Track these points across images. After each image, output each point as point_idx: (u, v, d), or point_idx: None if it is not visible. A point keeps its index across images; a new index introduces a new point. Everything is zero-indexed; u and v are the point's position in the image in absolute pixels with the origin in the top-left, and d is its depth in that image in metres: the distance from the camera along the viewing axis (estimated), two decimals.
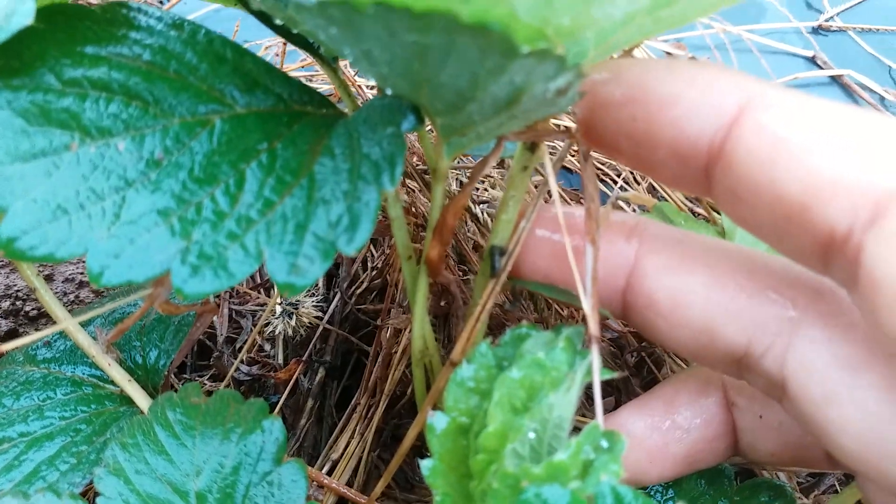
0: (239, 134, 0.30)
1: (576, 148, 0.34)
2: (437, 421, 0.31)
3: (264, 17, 0.32)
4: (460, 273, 0.49)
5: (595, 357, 0.30)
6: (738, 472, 0.47)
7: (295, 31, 0.33)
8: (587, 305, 0.31)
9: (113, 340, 0.34)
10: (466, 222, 0.49)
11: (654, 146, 0.28)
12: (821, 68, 0.74)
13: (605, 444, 0.28)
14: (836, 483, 0.47)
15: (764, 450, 0.36)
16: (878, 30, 0.77)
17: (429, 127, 0.34)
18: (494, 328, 0.43)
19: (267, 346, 0.57)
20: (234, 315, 0.61)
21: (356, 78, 0.62)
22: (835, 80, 0.74)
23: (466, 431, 0.32)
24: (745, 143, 0.26)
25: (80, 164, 0.28)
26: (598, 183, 0.58)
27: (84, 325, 0.40)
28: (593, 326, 0.31)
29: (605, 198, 0.58)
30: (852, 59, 0.75)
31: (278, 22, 0.32)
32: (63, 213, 0.27)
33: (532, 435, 0.29)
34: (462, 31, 0.20)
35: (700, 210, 0.53)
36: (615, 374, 0.31)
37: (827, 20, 0.78)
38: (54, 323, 0.42)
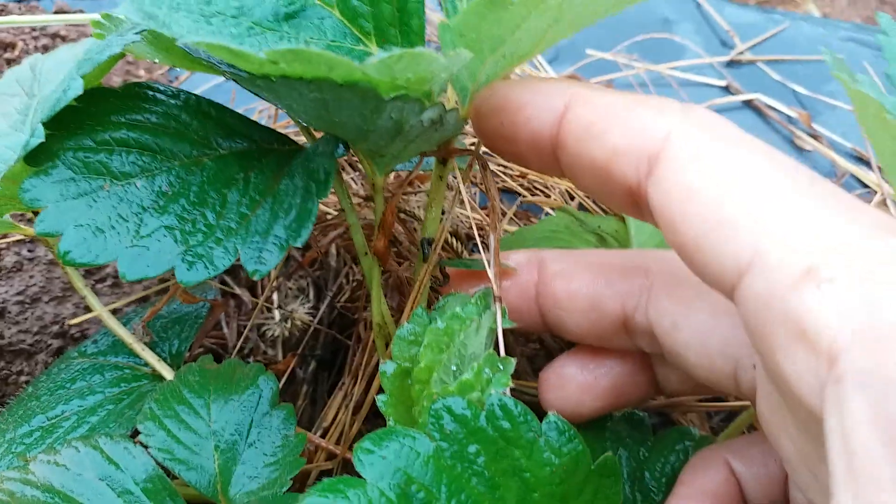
0: (222, 168, 0.41)
1: (479, 161, 0.44)
2: (388, 367, 0.41)
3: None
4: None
5: (498, 308, 0.41)
6: (656, 423, 0.56)
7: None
8: (491, 273, 0.42)
9: (147, 321, 0.46)
10: (416, 229, 0.60)
11: (517, 142, 0.38)
12: (734, 95, 0.85)
13: (501, 366, 0.38)
14: None
15: (673, 382, 0.45)
16: (784, 60, 0.88)
17: None
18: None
19: (270, 351, 0.68)
20: (241, 329, 0.73)
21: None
22: (747, 104, 0.85)
23: (409, 373, 0.42)
24: (568, 129, 0.35)
25: (110, 198, 0.39)
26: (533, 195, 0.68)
27: (124, 323, 0.51)
28: (496, 288, 0.41)
29: (535, 209, 0.68)
30: (762, 86, 0.86)
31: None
32: (100, 232, 0.38)
33: (454, 367, 0.40)
34: (343, 88, 0.31)
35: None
36: (514, 325, 0.42)
37: (738, 54, 0.89)
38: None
